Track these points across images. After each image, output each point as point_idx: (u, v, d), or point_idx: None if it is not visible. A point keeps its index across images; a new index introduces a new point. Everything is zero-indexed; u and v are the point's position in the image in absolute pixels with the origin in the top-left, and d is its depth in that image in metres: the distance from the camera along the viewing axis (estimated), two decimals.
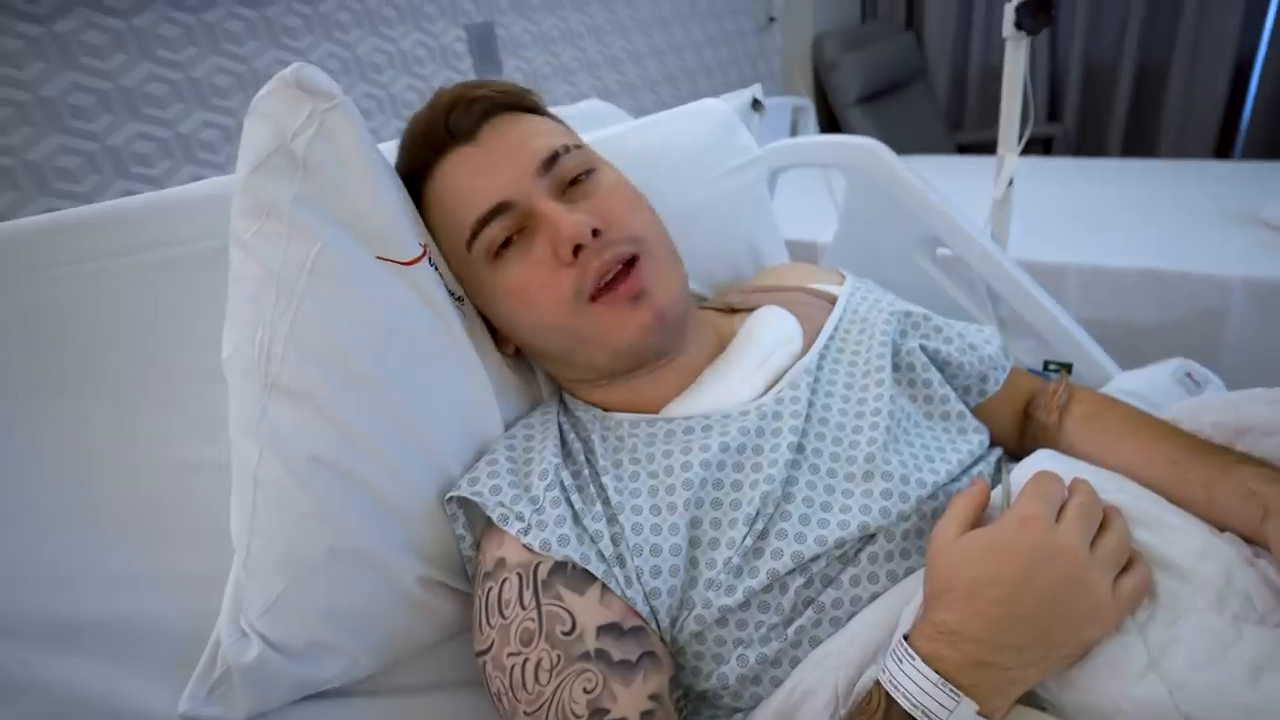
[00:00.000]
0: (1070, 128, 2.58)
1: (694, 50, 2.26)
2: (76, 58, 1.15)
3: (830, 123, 2.55)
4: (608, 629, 0.46)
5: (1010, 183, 0.94)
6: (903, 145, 0.97)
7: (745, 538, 0.49)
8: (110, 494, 0.52)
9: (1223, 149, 2.41)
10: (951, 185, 0.93)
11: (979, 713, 0.38)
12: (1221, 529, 0.48)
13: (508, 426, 0.60)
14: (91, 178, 1.19)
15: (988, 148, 1.00)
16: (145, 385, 0.54)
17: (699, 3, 2.23)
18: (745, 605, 0.48)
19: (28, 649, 0.46)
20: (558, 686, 0.44)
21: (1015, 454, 0.62)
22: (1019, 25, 0.85)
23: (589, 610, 0.46)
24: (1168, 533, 0.47)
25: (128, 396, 0.53)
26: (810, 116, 2.18)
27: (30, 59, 1.10)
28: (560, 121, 0.61)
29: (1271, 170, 1.66)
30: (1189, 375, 0.80)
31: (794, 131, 2.11)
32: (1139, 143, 2.51)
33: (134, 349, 0.54)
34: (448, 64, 1.68)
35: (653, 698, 0.45)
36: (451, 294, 0.58)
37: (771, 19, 2.43)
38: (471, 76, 1.72)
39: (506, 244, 0.54)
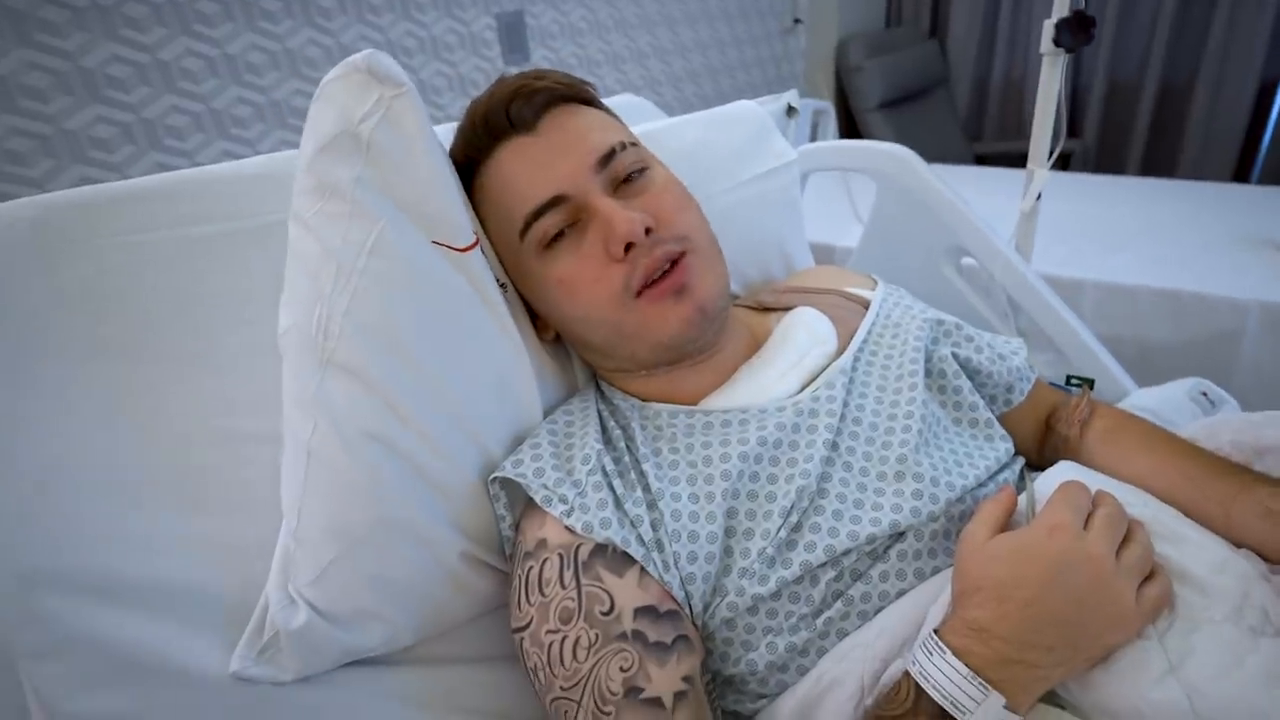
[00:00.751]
0: (1090, 144, 2.58)
1: (719, 49, 2.26)
2: (117, 30, 1.16)
3: (849, 127, 2.55)
4: (645, 611, 0.48)
5: (1038, 197, 0.95)
6: (921, 153, 0.97)
7: (780, 529, 0.50)
8: (162, 459, 0.53)
9: (1241, 172, 2.41)
10: (971, 196, 0.94)
11: (1006, 707, 0.39)
12: (1238, 545, 0.49)
13: (546, 411, 0.61)
14: (126, 148, 1.20)
15: (1006, 159, 1.01)
16: (197, 356, 0.55)
17: (726, 2, 2.23)
18: (777, 595, 0.50)
19: (83, 603, 0.47)
20: (595, 665, 0.46)
21: (1035, 464, 0.63)
22: (1058, 42, 0.85)
23: (627, 592, 0.48)
24: (1186, 546, 0.48)
25: (180, 366, 0.55)
26: (830, 120, 2.17)
27: (73, 29, 1.11)
28: (615, 115, 0.63)
29: None
30: (1204, 394, 0.81)
31: (814, 134, 2.12)
32: (1158, 162, 2.51)
33: (188, 320, 0.55)
34: (476, 51, 1.68)
35: (685, 679, 0.46)
36: (496, 280, 0.59)
37: (797, 21, 2.43)
38: (500, 65, 1.73)
39: (558, 236, 0.56)
